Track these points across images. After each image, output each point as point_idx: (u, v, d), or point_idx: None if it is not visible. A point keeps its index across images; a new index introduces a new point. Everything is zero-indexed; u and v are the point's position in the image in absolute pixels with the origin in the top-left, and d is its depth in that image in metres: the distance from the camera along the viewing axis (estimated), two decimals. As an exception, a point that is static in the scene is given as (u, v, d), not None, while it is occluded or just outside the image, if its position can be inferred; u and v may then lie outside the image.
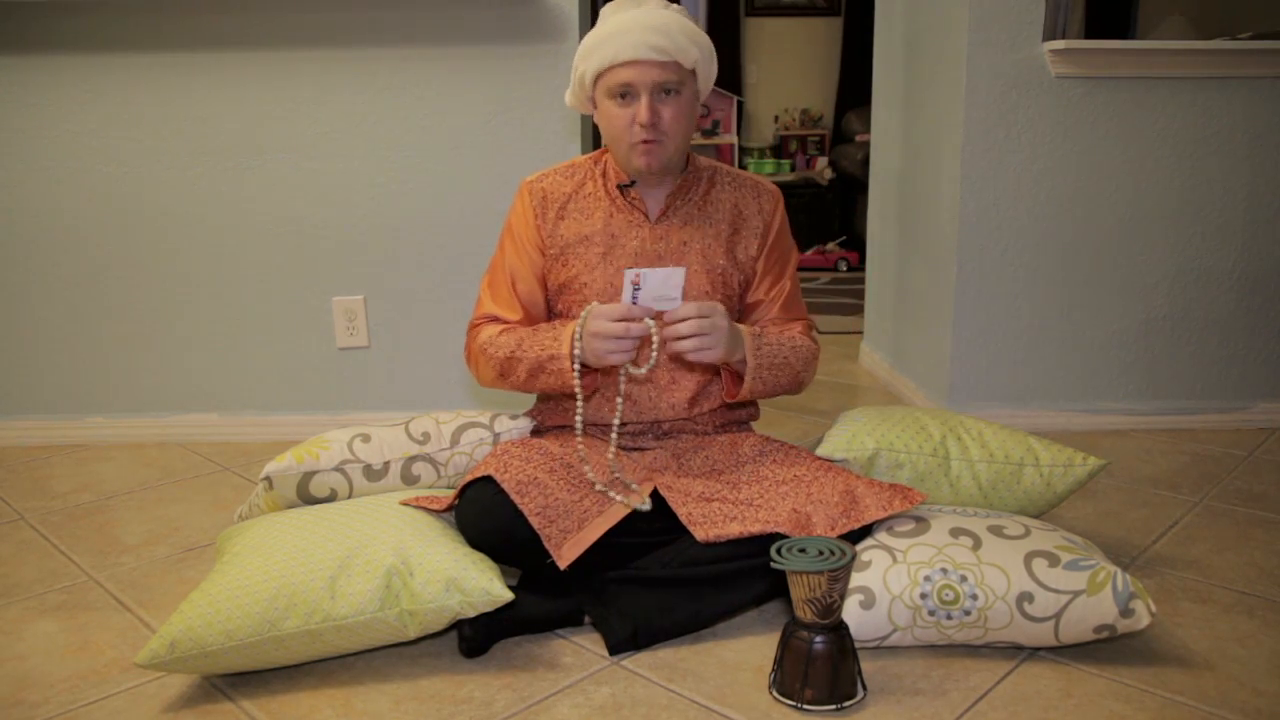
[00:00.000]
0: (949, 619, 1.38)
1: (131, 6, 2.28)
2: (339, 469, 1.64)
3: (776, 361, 1.59)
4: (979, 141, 2.33)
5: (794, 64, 6.14)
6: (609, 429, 1.67)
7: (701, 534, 1.46)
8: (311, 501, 1.65)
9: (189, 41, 2.31)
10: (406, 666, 1.42)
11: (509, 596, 1.38)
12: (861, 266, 4.90)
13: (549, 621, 1.50)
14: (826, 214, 5.48)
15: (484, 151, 2.39)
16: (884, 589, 1.38)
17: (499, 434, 1.72)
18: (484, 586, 1.37)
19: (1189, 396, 2.50)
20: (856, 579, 1.40)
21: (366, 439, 1.68)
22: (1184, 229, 2.41)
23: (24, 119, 2.34)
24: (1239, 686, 1.34)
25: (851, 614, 1.38)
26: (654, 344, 1.46)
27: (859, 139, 5.40)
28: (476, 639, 1.43)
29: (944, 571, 1.38)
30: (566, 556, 1.43)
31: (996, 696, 1.32)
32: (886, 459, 1.68)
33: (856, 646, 1.36)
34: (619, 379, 1.61)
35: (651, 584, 1.49)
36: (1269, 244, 2.43)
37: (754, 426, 1.82)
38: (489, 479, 1.50)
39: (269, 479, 1.62)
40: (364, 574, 1.37)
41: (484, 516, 1.47)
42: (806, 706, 1.29)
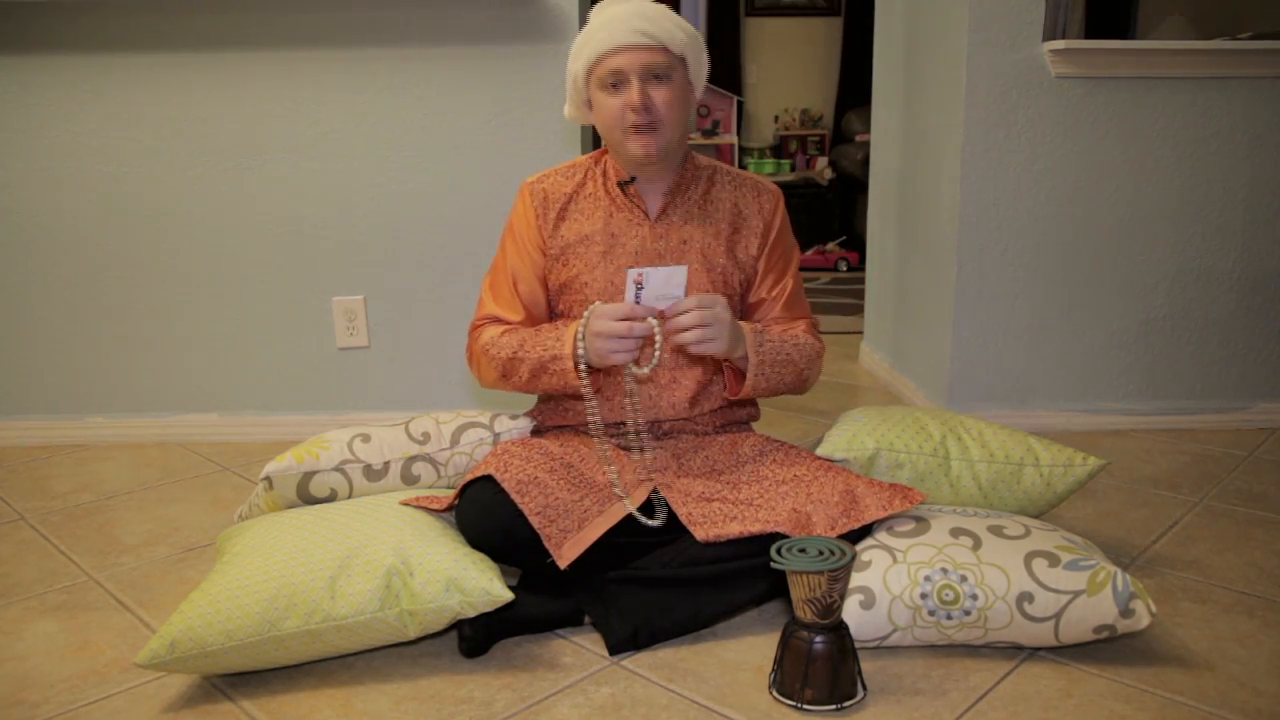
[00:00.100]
0: (949, 619, 1.38)
1: (131, 6, 2.28)
2: (339, 469, 1.64)
3: (779, 358, 1.59)
4: (979, 141, 2.33)
5: (794, 64, 6.14)
6: (609, 429, 1.67)
7: (701, 534, 1.46)
8: (311, 501, 1.65)
9: (189, 41, 2.31)
10: (406, 666, 1.42)
11: (509, 596, 1.38)
12: (861, 266, 4.90)
13: (549, 621, 1.50)
14: (826, 214, 5.48)
15: (484, 151, 2.39)
16: (884, 589, 1.38)
17: (499, 434, 1.73)
18: (484, 586, 1.37)
19: (1189, 396, 2.50)
20: (856, 579, 1.40)
21: (366, 439, 1.68)
22: (1184, 229, 2.41)
23: (24, 119, 2.34)
24: (1239, 686, 1.34)
25: (851, 614, 1.38)
26: (657, 343, 1.46)
27: (859, 139, 5.40)
28: (476, 639, 1.43)
29: (944, 571, 1.38)
30: (566, 556, 1.43)
31: (996, 696, 1.32)
32: (886, 459, 1.68)
33: (856, 646, 1.36)
34: (625, 379, 1.61)
35: (651, 584, 1.49)
36: (1269, 244, 2.43)
37: (754, 426, 1.82)
38: (489, 478, 1.50)
39: (269, 479, 1.62)
40: (364, 574, 1.37)
41: (484, 516, 1.47)
42: (806, 706, 1.29)
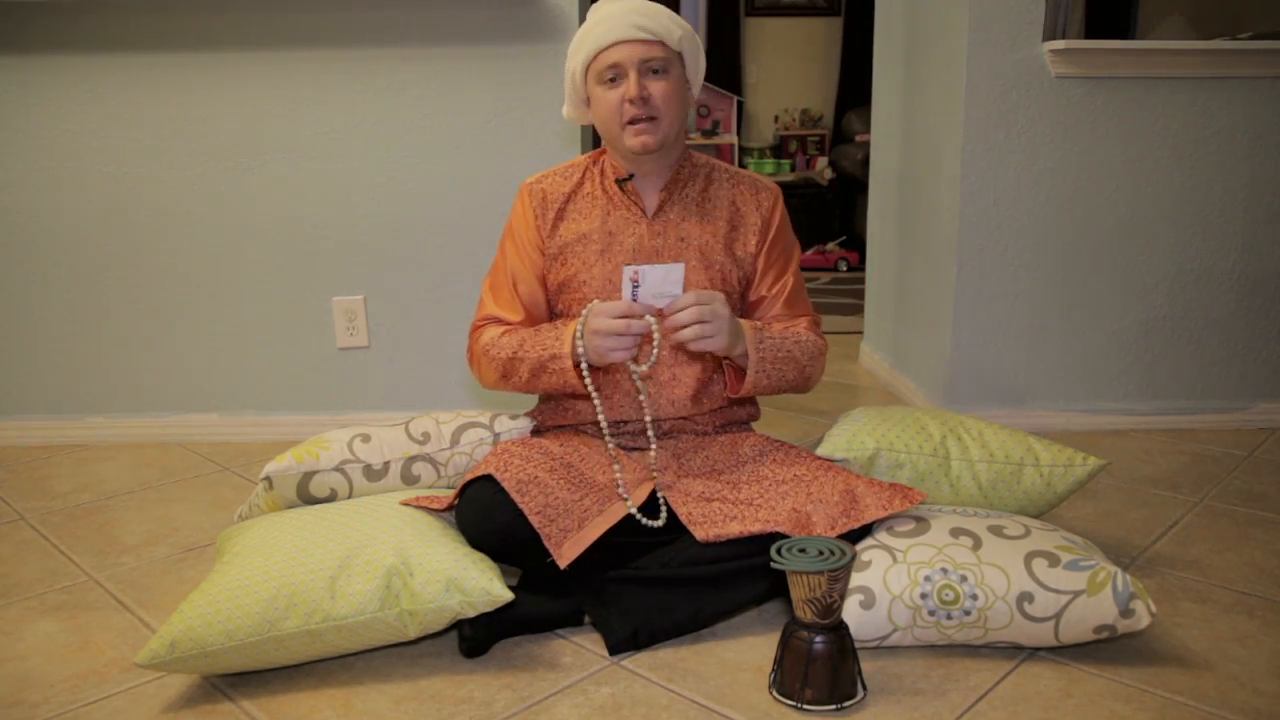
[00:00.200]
0: (949, 619, 1.38)
1: (131, 6, 2.28)
2: (339, 469, 1.64)
3: (780, 355, 1.59)
4: (979, 141, 2.33)
5: (794, 64, 6.14)
6: (608, 428, 1.67)
7: (701, 534, 1.46)
8: (311, 501, 1.65)
9: (189, 41, 2.31)
10: (406, 666, 1.42)
11: (509, 596, 1.38)
12: (861, 266, 4.90)
13: (549, 621, 1.50)
14: (826, 214, 5.48)
15: (484, 151, 2.39)
16: (884, 589, 1.38)
17: (499, 434, 1.72)
18: (484, 586, 1.37)
19: (1189, 396, 2.50)
20: (856, 579, 1.40)
21: (366, 439, 1.68)
22: (1184, 229, 2.41)
23: (24, 119, 2.34)
24: (1239, 686, 1.34)
25: (851, 614, 1.38)
26: (655, 341, 1.46)
27: (859, 139, 5.40)
28: (476, 639, 1.43)
29: (944, 571, 1.38)
30: (566, 556, 1.43)
31: (996, 696, 1.32)
32: (886, 459, 1.68)
33: (856, 646, 1.36)
34: (632, 377, 1.60)
35: (651, 584, 1.49)
36: (1269, 244, 2.43)
37: (754, 426, 1.82)
38: (489, 478, 1.50)
39: (269, 479, 1.62)
40: (364, 574, 1.37)
41: (484, 516, 1.47)
42: (806, 706, 1.29)
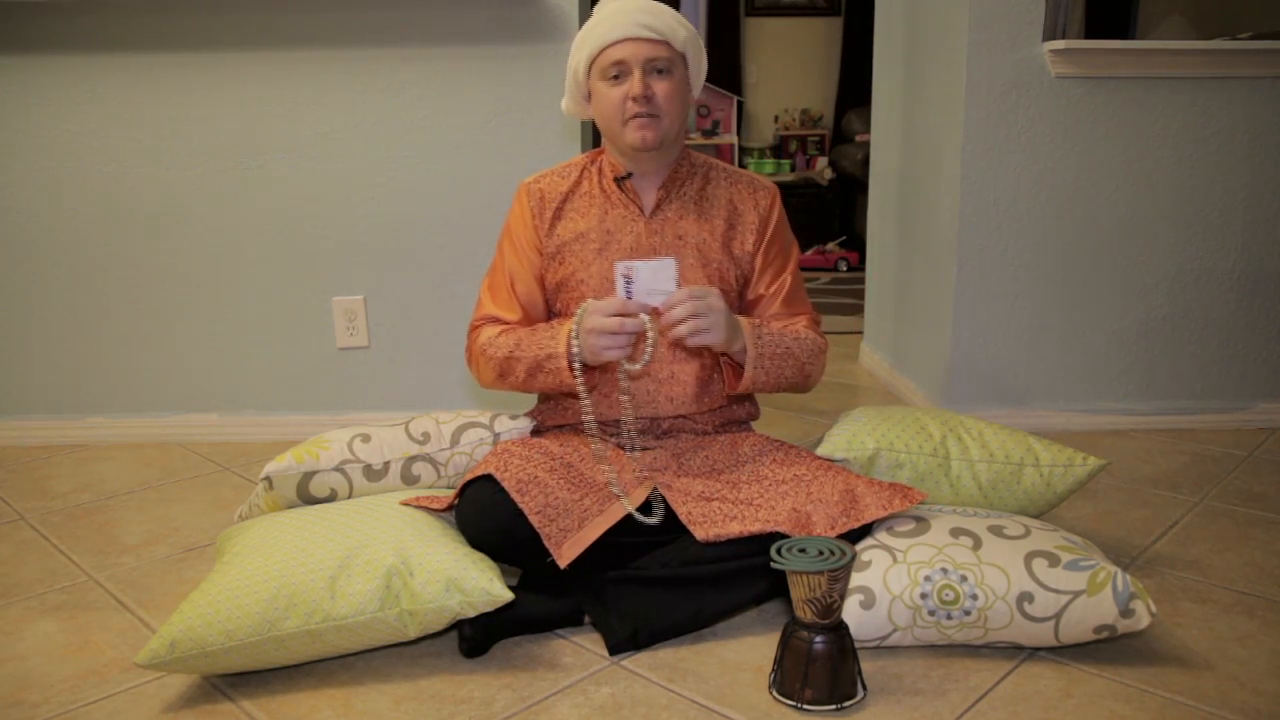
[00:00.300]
0: (949, 619, 1.38)
1: (131, 6, 2.28)
2: (339, 469, 1.64)
3: (779, 351, 1.59)
4: (979, 141, 2.33)
5: (794, 64, 6.14)
6: (607, 427, 1.67)
7: (701, 533, 1.46)
8: (311, 501, 1.65)
9: (189, 41, 2.31)
10: (406, 666, 1.42)
11: (509, 596, 1.38)
12: (861, 266, 4.90)
13: (549, 621, 1.50)
14: (826, 214, 5.48)
15: (484, 151, 2.39)
16: (884, 589, 1.38)
17: (499, 434, 1.72)
18: (484, 586, 1.37)
19: (1189, 396, 2.50)
20: (856, 579, 1.40)
21: (366, 439, 1.68)
22: (1184, 229, 2.41)
23: (24, 119, 2.34)
24: (1239, 686, 1.34)
25: (851, 614, 1.38)
26: (649, 339, 1.46)
27: (859, 139, 5.40)
28: (476, 639, 1.43)
29: (944, 571, 1.38)
30: (566, 555, 1.43)
31: (996, 696, 1.32)
32: (886, 459, 1.68)
33: (856, 646, 1.36)
34: (619, 376, 1.60)
35: (651, 584, 1.49)
36: (1269, 244, 2.42)
37: (754, 426, 1.82)
38: (489, 478, 1.50)
39: (269, 479, 1.62)
40: (364, 574, 1.37)
41: (484, 515, 1.47)
42: (806, 706, 1.29)
